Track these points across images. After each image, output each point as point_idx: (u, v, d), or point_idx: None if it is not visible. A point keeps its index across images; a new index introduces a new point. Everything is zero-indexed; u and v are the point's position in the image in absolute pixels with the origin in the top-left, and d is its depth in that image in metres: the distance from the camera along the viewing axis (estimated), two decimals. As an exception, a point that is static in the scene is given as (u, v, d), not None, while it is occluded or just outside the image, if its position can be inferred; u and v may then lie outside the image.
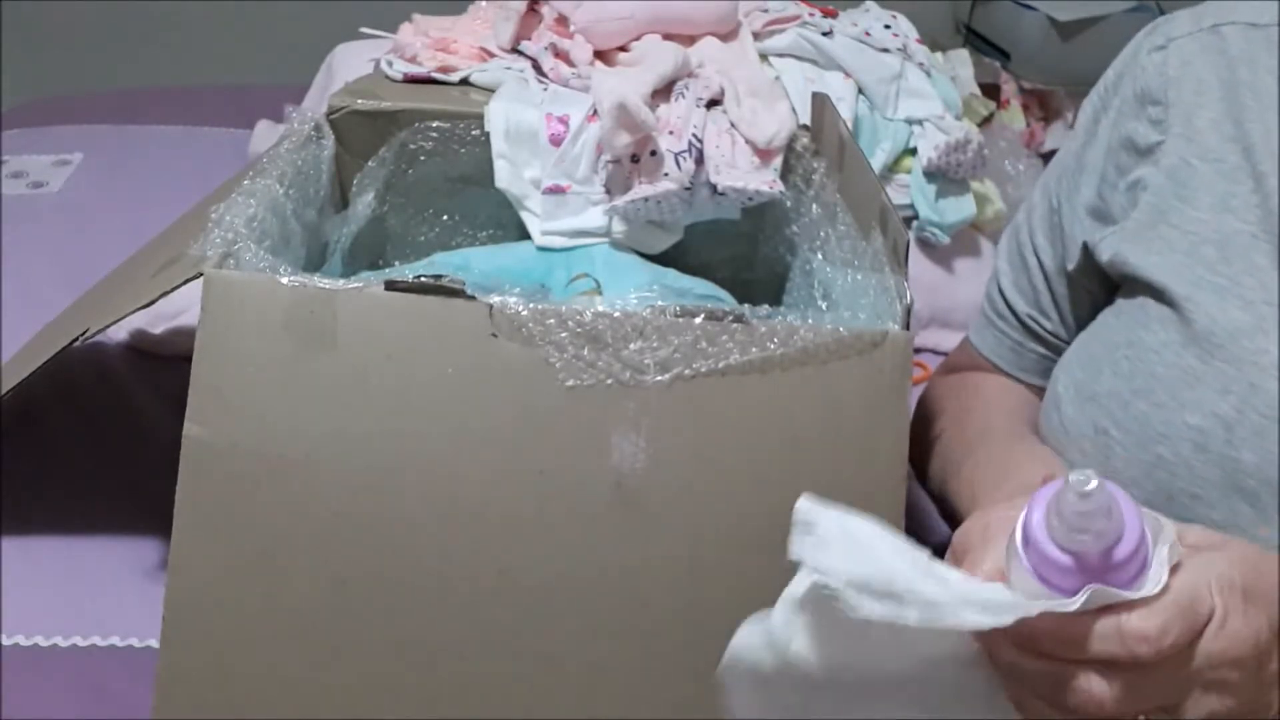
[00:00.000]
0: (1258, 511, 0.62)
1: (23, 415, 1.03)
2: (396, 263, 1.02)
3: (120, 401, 1.10)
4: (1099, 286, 0.76)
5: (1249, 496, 0.62)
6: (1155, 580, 0.48)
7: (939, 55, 1.47)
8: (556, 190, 0.97)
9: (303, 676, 0.65)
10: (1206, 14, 0.71)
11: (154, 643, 0.71)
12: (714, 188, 0.94)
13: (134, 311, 0.80)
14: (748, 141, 0.97)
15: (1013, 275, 0.82)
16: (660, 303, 0.67)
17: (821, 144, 0.95)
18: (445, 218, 1.03)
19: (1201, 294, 0.65)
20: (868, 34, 1.30)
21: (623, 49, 1.08)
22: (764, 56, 1.21)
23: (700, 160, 0.94)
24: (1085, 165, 0.76)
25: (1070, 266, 0.77)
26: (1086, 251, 0.75)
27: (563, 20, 1.08)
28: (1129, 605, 0.47)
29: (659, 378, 0.65)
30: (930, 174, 1.28)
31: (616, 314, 0.66)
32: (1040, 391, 0.82)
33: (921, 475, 0.84)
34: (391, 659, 0.65)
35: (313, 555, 0.65)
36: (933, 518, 0.85)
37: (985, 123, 1.45)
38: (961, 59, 1.55)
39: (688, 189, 0.94)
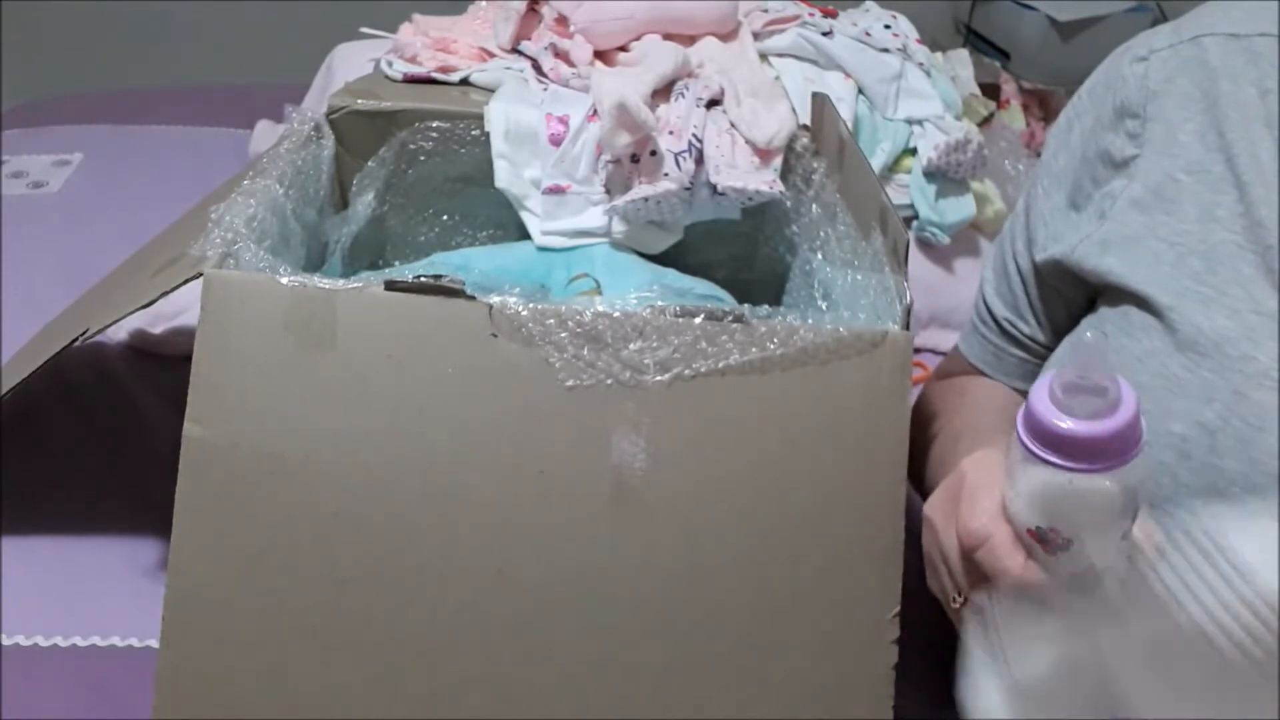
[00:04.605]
0: None
1: (23, 415, 1.03)
2: (396, 263, 1.02)
3: (120, 401, 1.10)
4: (1072, 290, 0.77)
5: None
6: None
7: (939, 55, 1.47)
8: (556, 190, 0.97)
9: (303, 676, 0.65)
10: (1187, 25, 0.71)
11: (154, 643, 0.71)
12: (714, 188, 0.94)
13: (134, 311, 0.80)
14: (748, 141, 0.97)
15: (995, 281, 0.83)
16: (660, 303, 0.67)
17: (821, 144, 0.95)
18: (445, 218, 1.03)
19: (1186, 303, 0.65)
20: (868, 34, 1.30)
21: (623, 49, 1.08)
22: (764, 56, 1.21)
23: (700, 160, 0.94)
24: (1056, 170, 0.77)
25: (1037, 259, 0.77)
26: (1055, 258, 0.75)
27: (563, 20, 1.08)
28: None
29: (659, 378, 0.65)
30: (930, 174, 1.28)
31: (616, 314, 0.66)
32: (1024, 395, 0.82)
33: (916, 480, 0.84)
34: (391, 659, 0.65)
35: (313, 555, 0.65)
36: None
37: (985, 123, 1.45)
38: (961, 59, 1.55)
39: (688, 189, 0.94)
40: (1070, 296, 0.77)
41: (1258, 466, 0.61)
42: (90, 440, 1.05)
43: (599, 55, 1.07)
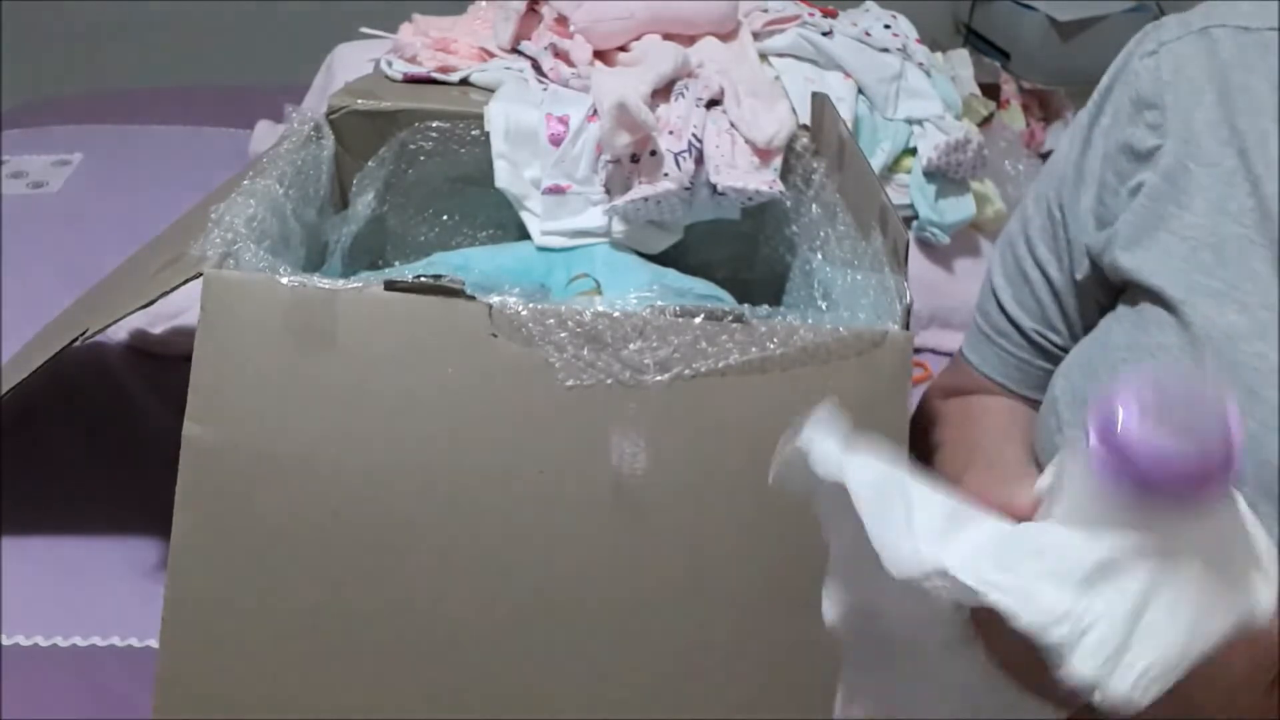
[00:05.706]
0: None
1: (23, 415, 1.03)
2: (396, 263, 1.02)
3: (120, 401, 1.10)
4: (1108, 296, 0.75)
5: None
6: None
7: (939, 55, 1.47)
8: (556, 190, 0.97)
9: (303, 676, 0.65)
10: (1195, 18, 0.71)
11: (154, 643, 0.71)
12: (714, 188, 0.94)
13: (134, 311, 0.80)
14: (747, 141, 0.97)
15: (1013, 290, 0.79)
16: (660, 303, 0.67)
17: (821, 144, 0.95)
18: (445, 218, 1.03)
19: (1198, 297, 0.65)
20: (868, 34, 1.30)
21: (623, 49, 1.08)
22: (764, 56, 1.21)
23: (700, 160, 0.94)
24: (1084, 174, 0.75)
25: (1079, 276, 0.76)
26: (1093, 260, 0.74)
27: (563, 20, 1.08)
28: None
29: (659, 378, 0.65)
30: (930, 174, 1.28)
31: (616, 314, 0.66)
32: (1036, 406, 0.80)
33: None
34: (391, 659, 0.65)
35: (312, 555, 0.65)
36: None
37: (985, 123, 1.45)
38: (961, 59, 1.55)
39: (688, 189, 0.94)
40: (1105, 303, 0.75)
41: (1267, 468, 0.60)
42: (90, 440, 1.05)
43: (599, 55, 1.07)
